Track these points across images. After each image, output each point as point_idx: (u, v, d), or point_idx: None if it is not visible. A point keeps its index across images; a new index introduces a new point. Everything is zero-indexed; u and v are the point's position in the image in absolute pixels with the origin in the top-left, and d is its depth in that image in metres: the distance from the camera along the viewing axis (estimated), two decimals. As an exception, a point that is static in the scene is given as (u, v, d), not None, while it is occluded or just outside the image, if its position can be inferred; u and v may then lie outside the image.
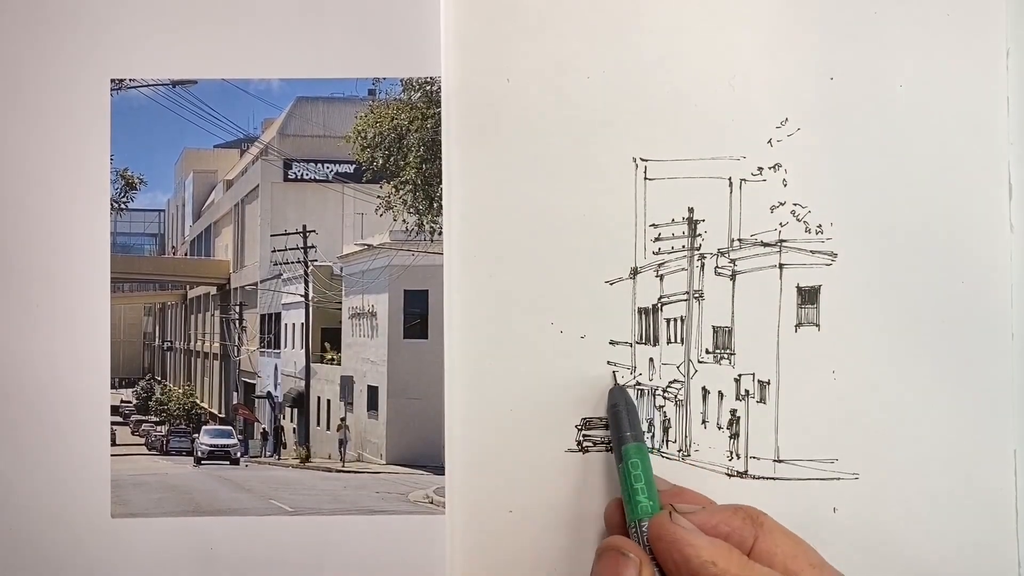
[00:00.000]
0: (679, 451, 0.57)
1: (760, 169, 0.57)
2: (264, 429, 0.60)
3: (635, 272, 0.57)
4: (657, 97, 0.57)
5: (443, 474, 0.56)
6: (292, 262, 0.60)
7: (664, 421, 0.58)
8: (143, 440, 0.59)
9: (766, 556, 0.47)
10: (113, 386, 0.57)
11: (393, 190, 0.58)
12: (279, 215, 0.59)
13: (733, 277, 0.57)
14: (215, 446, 0.60)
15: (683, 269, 0.58)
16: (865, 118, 0.57)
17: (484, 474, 0.56)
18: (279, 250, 0.59)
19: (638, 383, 0.58)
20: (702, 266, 0.57)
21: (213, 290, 0.61)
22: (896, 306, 0.56)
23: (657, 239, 0.57)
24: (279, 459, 0.60)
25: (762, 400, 0.57)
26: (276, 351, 0.61)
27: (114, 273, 0.57)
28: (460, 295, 0.56)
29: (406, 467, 0.60)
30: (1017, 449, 0.56)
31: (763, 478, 0.57)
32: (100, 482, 0.56)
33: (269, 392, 0.61)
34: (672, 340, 0.58)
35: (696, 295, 0.58)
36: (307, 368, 0.61)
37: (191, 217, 0.61)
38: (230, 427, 0.60)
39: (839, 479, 0.56)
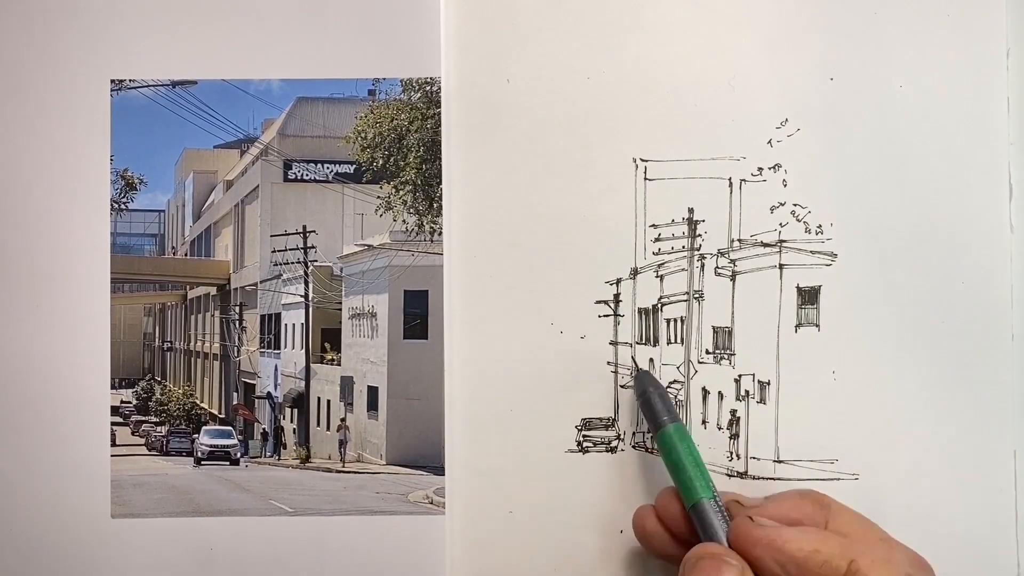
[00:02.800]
0: (679, 451, 0.57)
1: (760, 169, 0.57)
2: (264, 429, 0.60)
3: (635, 272, 0.57)
4: (657, 97, 0.57)
5: (443, 474, 0.56)
6: (292, 262, 0.60)
7: (664, 421, 0.58)
8: (143, 440, 0.59)
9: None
10: (113, 386, 0.57)
11: (393, 190, 0.58)
12: (279, 215, 0.59)
13: (733, 277, 0.57)
14: (215, 446, 0.60)
15: (683, 269, 0.58)
16: (865, 118, 0.57)
17: (484, 474, 0.56)
18: (279, 250, 0.60)
19: (638, 383, 0.58)
20: (702, 266, 0.57)
21: (213, 290, 0.61)
22: (896, 306, 0.56)
23: (657, 239, 0.57)
24: (279, 459, 0.60)
25: (762, 400, 0.57)
26: (276, 351, 0.61)
27: (114, 273, 0.57)
28: (460, 295, 0.56)
29: (406, 467, 0.60)
30: (1017, 449, 0.56)
31: (763, 478, 0.57)
32: (100, 482, 0.56)
33: (269, 392, 0.61)
34: (672, 340, 0.58)
35: (696, 295, 0.58)
36: (307, 368, 0.61)
37: (191, 217, 0.62)
38: (230, 427, 0.60)
39: (839, 479, 0.56)
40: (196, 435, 0.60)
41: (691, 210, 0.57)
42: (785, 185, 0.57)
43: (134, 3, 0.56)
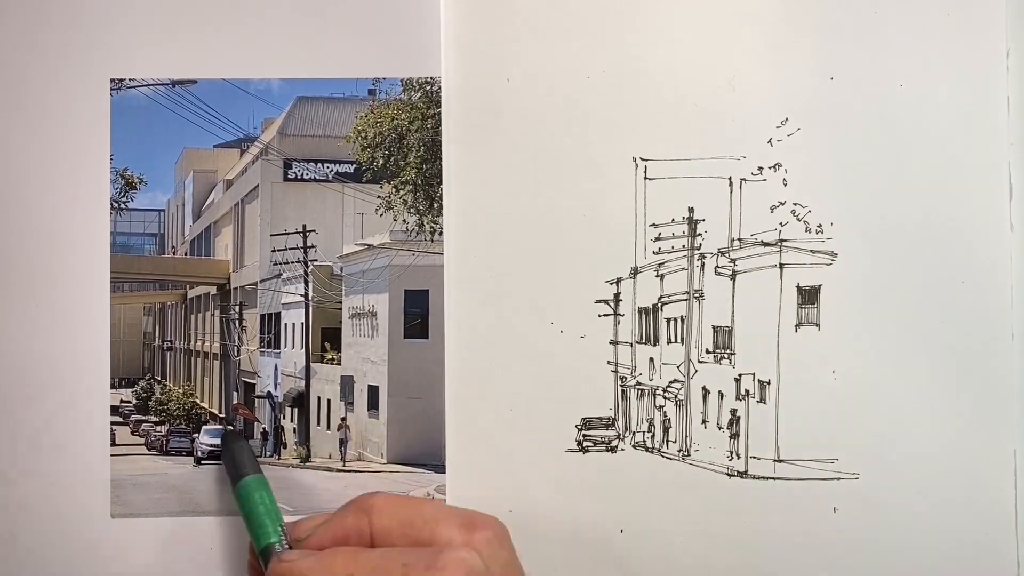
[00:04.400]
0: (679, 451, 0.57)
1: (760, 169, 0.57)
2: (264, 429, 0.60)
3: (635, 272, 0.57)
4: (657, 97, 0.57)
5: (443, 473, 0.56)
6: (292, 262, 0.60)
7: (664, 421, 0.58)
8: (143, 440, 0.59)
9: (385, 536, 0.45)
10: (113, 386, 0.57)
11: (393, 190, 0.58)
12: (279, 215, 0.59)
13: (733, 277, 0.57)
14: (215, 446, 0.60)
15: (683, 269, 0.58)
16: (865, 118, 0.57)
17: (484, 474, 0.56)
18: (279, 250, 0.59)
19: (638, 383, 0.58)
20: (702, 266, 0.57)
21: (213, 290, 0.61)
22: (896, 306, 0.56)
23: (657, 239, 0.57)
24: (279, 459, 0.60)
25: (762, 400, 0.57)
26: (276, 351, 0.61)
27: (114, 273, 0.57)
28: (460, 295, 0.56)
29: (407, 466, 0.60)
30: (1017, 449, 0.56)
31: (763, 478, 0.57)
32: (100, 482, 0.56)
33: (269, 392, 0.61)
34: (672, 340, 0.58)
35: (696, 295, 0.58)
36: (307, 368, 0.61)
37: (191, 217, 0.61)
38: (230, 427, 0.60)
39: (839, 479, 0.56)
40: (196, 434, 0.60)
41: (691, 209, 0.57)
42: (785, 184, 0.57)
43: (134, 3, 0.56)
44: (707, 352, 0.58)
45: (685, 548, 0.56)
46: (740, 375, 0.57)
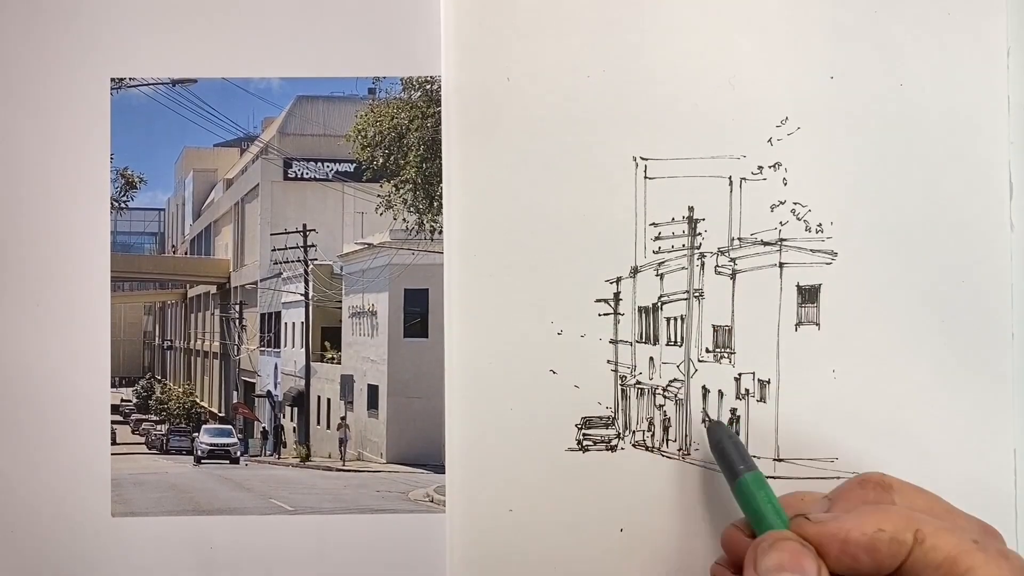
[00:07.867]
0: (679, 450, 0.57)
1: (760, 168, 0.57)
2: (264, 428, 0.60)
3: (635, 271, 0.57)
4: (657, 97, 0.57)
5: (443, 473, 0.56)
6: (292, 261, 0.60)
7: (664, 420, 0.58)
8: (143, 439, 0.59)
9: None
10: (113, 385, 0.57)
11: (393, 189, 0.58)
12: (279, 214, 0.59)
13: (733, 276, 0.57)
14: (215, 445, 0.60)
15: (683, 268, 0.58)
16: (865, 118, 0.57)
17: (484, 474, 0.56)
18: (279, 249, 0.60)
19: (638, 382, 0.58)
20: (702, 265, 0.57)
21: (213, 289, 0.61)
22: (896, 305, 0.56)
23: (657, 238, 0.57)
24: (279, 458, 0.60)
25: (762, 399, 0.57)
26: (276, 350, 0.61)
27: (114, 272, 0.57)
28: (460, 294, 0.56)
29: (406, 466, 0.60)
30: (1017, 449, 0.56)
31: (763, 477, 0.57)
32: (100, 481, 0.56)
33: (269, 391, 0.61)
34: (672, 339, 0.58)
35: (696, 294, 0.58)
36: (307, 367, 0.62)
37: (191, 216, 0.61)
38: (230, 426, 0.60)
39: (839, 478, 0.56)
40: (196, 434, 0.60)
41: (691, 208, 0.57)
42: (785, 184, 0.57)
43: (134, 3, 0.56)
44: (707, 351, 0.58)
45: (685, 548, 0.56)
46: (740, 374, 0.57)
